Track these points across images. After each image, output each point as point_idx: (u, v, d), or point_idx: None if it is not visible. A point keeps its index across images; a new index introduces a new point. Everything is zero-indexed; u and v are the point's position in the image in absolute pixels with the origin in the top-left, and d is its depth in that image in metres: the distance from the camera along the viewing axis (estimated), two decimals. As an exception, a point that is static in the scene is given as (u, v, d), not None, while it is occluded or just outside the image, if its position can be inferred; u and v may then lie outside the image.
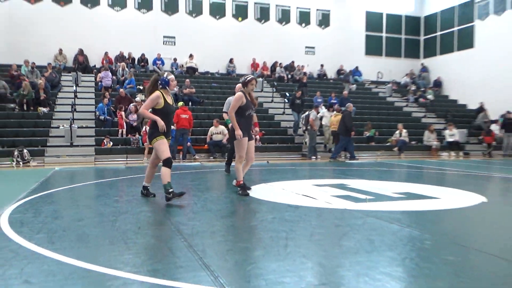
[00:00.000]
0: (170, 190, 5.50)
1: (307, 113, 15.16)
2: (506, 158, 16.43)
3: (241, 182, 6.39)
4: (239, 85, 7.11)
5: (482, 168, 11.76)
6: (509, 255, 3.36)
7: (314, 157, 14.69)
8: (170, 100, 5.73)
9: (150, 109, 5.59)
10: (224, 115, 8.97)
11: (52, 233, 3.99)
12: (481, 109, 20.59)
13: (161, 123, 5.45)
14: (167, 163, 5.57)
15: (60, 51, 19.27)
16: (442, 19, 24.67)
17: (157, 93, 5.56)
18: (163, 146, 5.57)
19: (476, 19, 22.59)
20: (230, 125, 6.51)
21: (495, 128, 19.03)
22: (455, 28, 23.83)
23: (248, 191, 6.35)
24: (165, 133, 5.59)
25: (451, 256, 3.32)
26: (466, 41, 23.15)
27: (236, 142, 6.43)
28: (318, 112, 15.62)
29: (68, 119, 14.28)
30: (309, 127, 14.83)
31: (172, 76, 5.75)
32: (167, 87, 5.65)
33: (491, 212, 5.35)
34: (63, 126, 14.39)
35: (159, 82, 5.65)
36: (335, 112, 15.85)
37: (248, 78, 6.49)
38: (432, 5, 25.38)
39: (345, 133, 14.19)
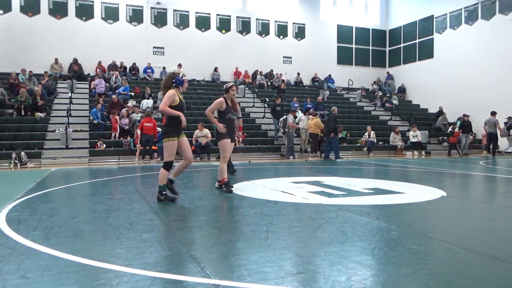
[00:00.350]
0: (164, 193, 5.41)
1: (284, 117, 15.20)
2: (463, 157, 16.77)
3: (226, 180, 6.35)
4: None
5: (441, 166, 11.98)
6: (465, 244, 3.42)
7: (292, 157, 14.73)
8: (182, 98, 5.56)
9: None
10: None
11: (48, 230, 3.89)
12: (440, 113, 21.00)
13: (183, 118, 5.30)
14: (167, 165, 5.39)
15: (56, 60, 18.93)
16: (405, 32, 25.08)
17: (172, 91, 5.35)
18: (171, 148, 5.36)
19: (435, 32, 23.03)
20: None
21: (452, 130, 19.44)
22: (417, 41, 24.25)
23: (231, 189, 6.31)
24: (178, 132, 5.38)
25: (415, 245, 3.35)
26: (426, 52, 23.58)
27: (220, 143, 6.39)
28: (295, 117, 15.68)
29: (64, 124, 14.01)
30: (286, 130, 14.87)
31: (186, 78, 5.58)
32: (180, 87, 5.47)
33: (450, 205, 5.43)
34: (58, 130, 14.12)
35: (174, 80, 5.43)
36: (311, 116, 15.93)
37: (228, 85, 6.53)
38: (396, 20, 25.79)
39: (327, 134, 14.27)
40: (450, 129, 18.86)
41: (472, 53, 20.70)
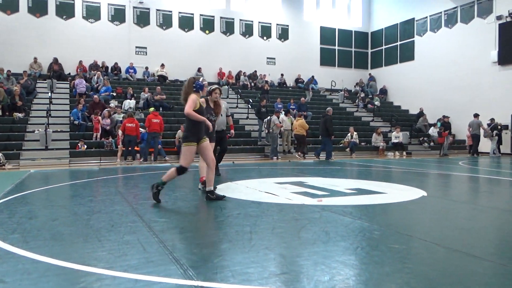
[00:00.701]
0: (159, 188, 5.39)
1: (268, 117, 15.22)
2: (443, 157, 17.08)
3: (204, 179, 6.30)
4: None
5: (422, 166, 12.18)
6: (446, 243, 3.48)
7: (276, 158, 14.76)
8: (201, 102, 5.63)
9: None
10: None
11: (26, 233, 3.80)
12: (421, 114, 21.37)
13: (208, 122, 5.42)
14: (181, 170, 5.37)
15: (35, 59, 18.53)
16: (387, 35, 25.44)
17: (194, 95, 5.36)
18: (189, 154, 5.39)
19: (416, 35, 23.44)
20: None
21: (433, 131, 19.80)
22: (398, 43, 24.63)
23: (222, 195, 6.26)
24: (197, 137, 5.41)
25: (396, 245, 3.39)
26: (407, 54, 23.97)
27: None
28: (278, 117, 15.72)
29: (43, 124, 13.73)
30: (271, 130, 14.90)
31: (206, 83, 5.62)
32: (200, 91, 5.48)
33: (430, 205, 5.53)
34: (38, 130, 13.83)
35: (194, 85, 5.44)
36: (296, 117, 16.03)
37: (212, 88, 6.54)
38: (377, 22, 26.15)
39: (326, 135, 14.35)
40: (438, 130, 19.18)
41: (452, 56, 21.14)
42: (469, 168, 11.74)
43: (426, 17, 22.76)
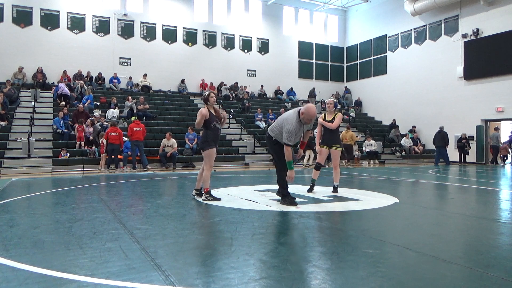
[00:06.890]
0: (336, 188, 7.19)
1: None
2: (416, 165, 17.38)
3: (208, 189, 6.24)
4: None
5: (395, 174, 12.38)
6: (416, 247, 3.53)
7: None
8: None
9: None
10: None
11: (7, 241, 3.67)
12: (393, 125, 21.78)
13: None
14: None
15: (20, 69, 18.13)
16: (361, 50, 25.96)
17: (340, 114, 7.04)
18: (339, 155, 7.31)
19: (388, 50, 24.00)
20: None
21: (405, 141, 20.16)
22: (371, 58, 25.15)
23: (219, 198, 6.22)
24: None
25: (370, 249, 3.43)
26: (380, 68, 24.49)
27: (206, 152, 6.22)
28: None
29: (26, 132, 13.39)
30: None
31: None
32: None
33: (402, 211, 5.61)
34: (20, 139, 13.47)
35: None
36: (346, 129, 16.19)
37: (206, 93, 6.41)
38: (352, 38, 26.66)
39: (443, 145, 17.55)
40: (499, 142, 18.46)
41: (421, 71, 21.71)
42: (437, 176, 12.00)
43: (398, 34, 23.36)
